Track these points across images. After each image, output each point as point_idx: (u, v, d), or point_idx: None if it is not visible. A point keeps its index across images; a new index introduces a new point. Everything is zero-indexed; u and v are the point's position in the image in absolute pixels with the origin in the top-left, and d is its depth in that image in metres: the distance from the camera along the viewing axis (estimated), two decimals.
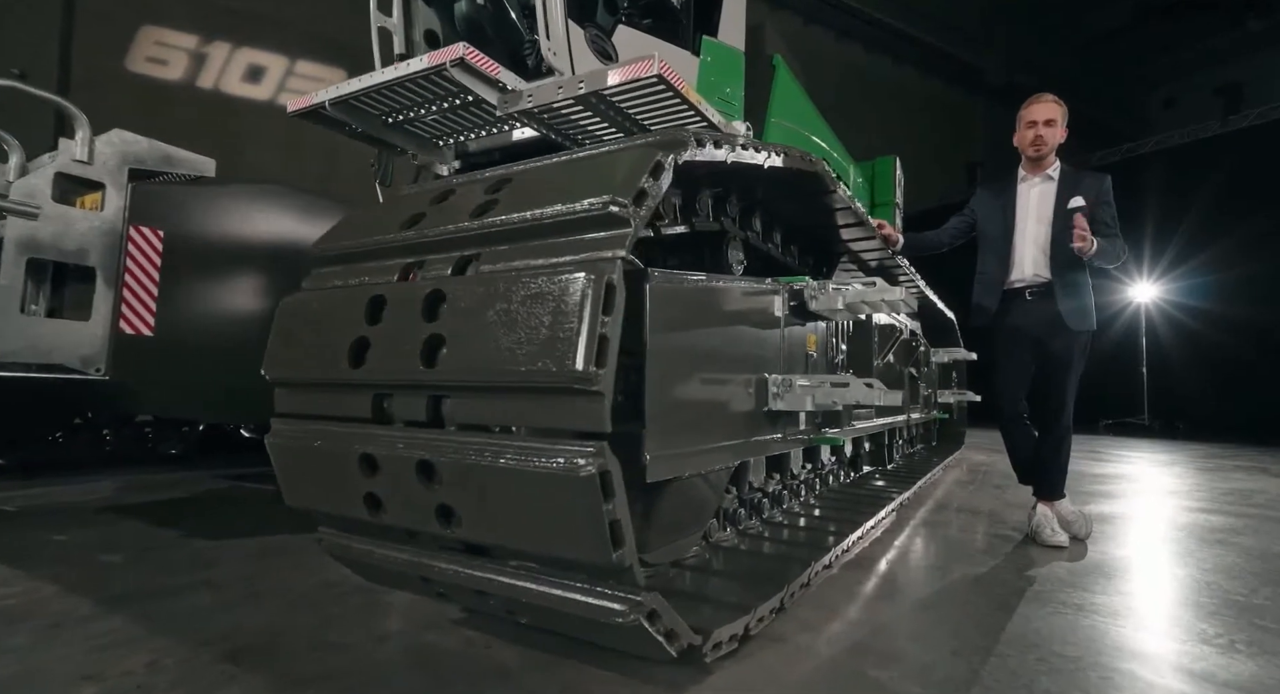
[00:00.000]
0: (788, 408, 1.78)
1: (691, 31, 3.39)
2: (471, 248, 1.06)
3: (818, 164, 1.79)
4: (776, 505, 2.35)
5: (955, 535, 2.64)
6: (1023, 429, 2.73)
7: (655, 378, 1.24)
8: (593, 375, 0.83)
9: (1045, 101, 2.51)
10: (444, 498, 0.96)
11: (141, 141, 2.69)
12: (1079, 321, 2.51)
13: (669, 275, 1.29)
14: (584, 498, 0.84)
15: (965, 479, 4.43)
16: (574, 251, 0.93)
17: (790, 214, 2.30)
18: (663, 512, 1.42)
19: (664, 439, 1.26)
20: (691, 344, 1.38)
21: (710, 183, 1.80)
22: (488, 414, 0.94)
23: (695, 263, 2.03)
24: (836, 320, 2.41)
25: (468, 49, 1.94)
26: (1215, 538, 2.72)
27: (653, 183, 0.97)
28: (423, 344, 0.97)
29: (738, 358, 1.62)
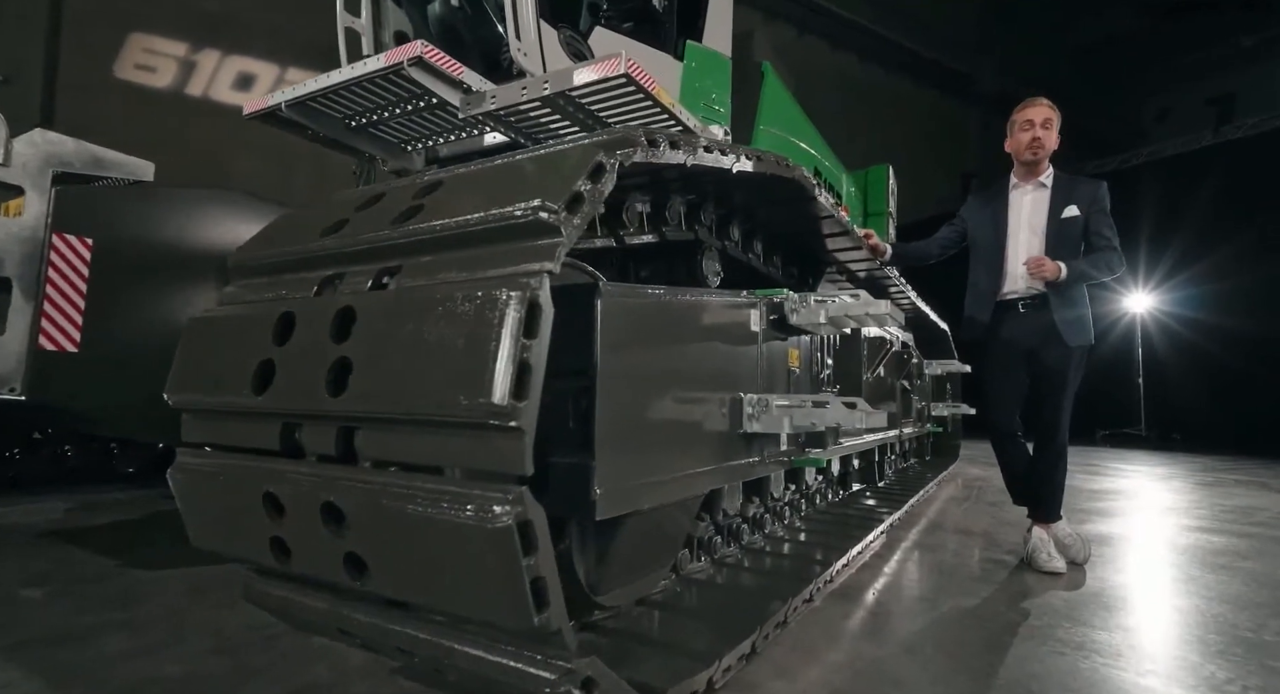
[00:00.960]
0: (764, 430, 1.66)
1: (674, 35, 3.30)
2: (394, 259, 0.94)
3: (795, 170, 1.68)
4: (757, 530, 2.22)
5: (947, 560, 2.52)
6: (1017, 447, 2.62)
7: (607, 402, 1.12)
8: (510, 409, 0.71)
9: (1040, 105, 2.41)
10: (352, 545, 0.84)
11: (67, 142, 2.53)
12: (1075, 335, 2.40)
13: (624, 288, 1.18)
14: (498, 553, 0.71)
15: (960, 496, 4.30)
16: (498, 264, 0.82)
17: (770, 223, 2.19)
18: (622, 547, 1.30)
19: (617, 470, 1.13)
20: (652, 363, 1.26)
21: (682, 190, 1.69)
22: (398, 450, 0.82)
23: (668, 275, 1.92)
24: (821, 334, 2.30)
25: (426, 47, 1.84)
26: (1219, 562, 2.60)
27: (591, 186, 0.86)
28: (330, 368, 0.85)
29: (708, 377, 1.50)
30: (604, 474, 1.10)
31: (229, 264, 1.12)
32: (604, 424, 1.11)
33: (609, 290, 1.13)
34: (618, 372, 1.15)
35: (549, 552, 0.75)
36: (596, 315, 1.11)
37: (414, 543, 0.78)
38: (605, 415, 1.11)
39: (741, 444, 1.67)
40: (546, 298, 0.76)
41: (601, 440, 1.10)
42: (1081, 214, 2.39)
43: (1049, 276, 2.32)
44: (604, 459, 1.10)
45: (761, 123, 4.23)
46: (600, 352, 1.11)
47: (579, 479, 1.09)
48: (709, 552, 1.88)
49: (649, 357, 1.25)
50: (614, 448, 1.13)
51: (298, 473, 0.88)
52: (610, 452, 1.12)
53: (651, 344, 1.26)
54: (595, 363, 1.10)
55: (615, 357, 1.14)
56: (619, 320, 1.15)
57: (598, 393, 1.10)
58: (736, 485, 1.79)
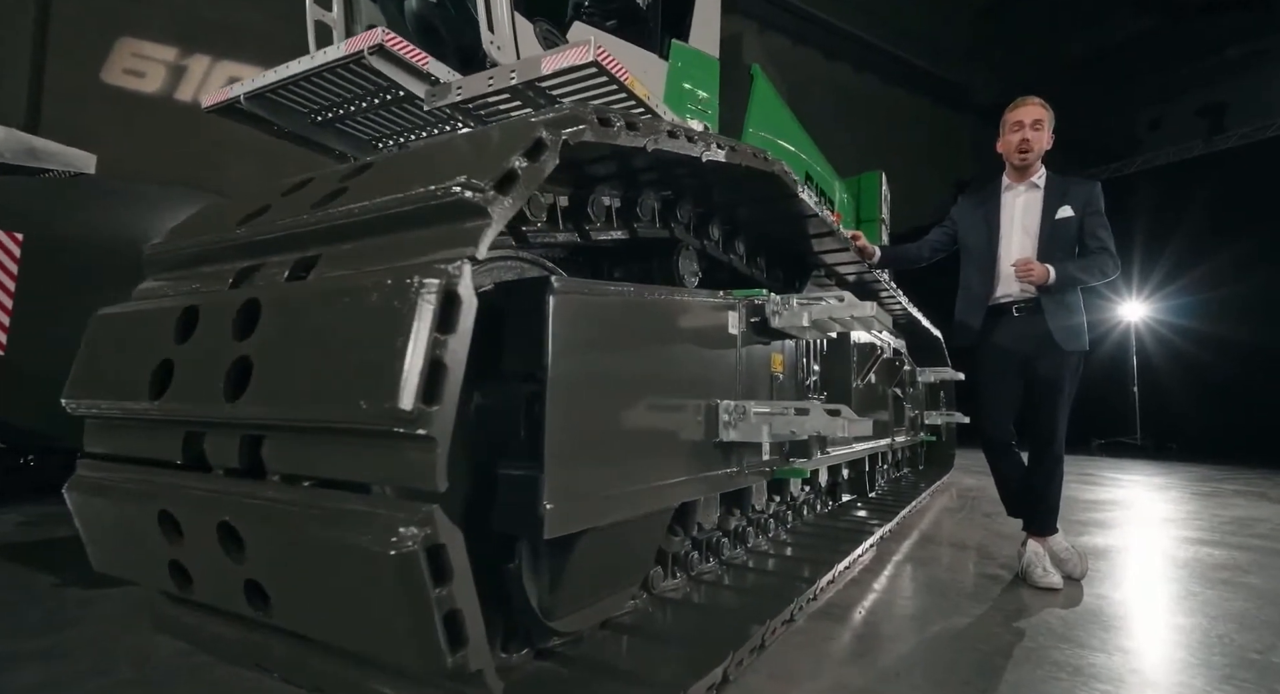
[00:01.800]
0: (742, 438, 1.56)
1: (659, 34, 3.24)
2: (313, 247, 0.84)
3: (774, 164, 1.60)
4: (739, 544, 2.12)
5: (939, 575, 2.41)
6: (1011, 457, 2.52)
7: (559, 408, 1.02)
8: (417, 414, 0.61)
9: (1032, 104, 2.34)
10: (252, 572, 0.74)
11: None
12: (1070, 341, 2.31)
13: (581, 284, 1.08)
14: (403, 583, 0.61)
15: (954, 506, 4.20)
16: (418, 251, 0.72)
17: (753, 223, 2.10)
18: (584, 565, 1.19)
19: (571, 483, 1.03)
20: (614, 366, 1.16)
21: (655, 184, 1.60)
22: (303, 463, 0.72)
23: (644, 275, 1.83)
24: (805, 339, 2.21)
25: (387, 34, 1.75)
26: (1220, 577, 2.51)
27: (528, 164, 0.76)
28: (229, 369, 0.75)
29: (680, 382, 1.41)
30: (555, 487, 1.00)
31: (143, 256, 1.02)
32: (555, 432, 1.01)
33: (563, 286, 1.04)
34: (572, 375, 1.05)
35: (467, 580, 0.65)
36: (548, 313, 1.01)
37: (314, 570, 0.68)
38: (557, 423, 1.01)
39: (718, 454, 1.57)
40: (468, 288, 0.67)
41: (552, 450, 1.00)
42: (1076, 215, 2.32)
43: (1037, 280, 2.24)
44: (555, 471, 1.00)
45: (750, 125, 4.16)
46: (552, 353, 1.01)
47: (526, 493, 0.99)
48: (685, 568, 1.77)
49: (610, 359, 1.15)
50: (567, 458, 1.03)
51: (194, 489, 0.78)
52: (562, 463, 1.02)
53: (613, 345, 1.16)
54: (546, 365, 1.01)
55: (569, 358, 1.04)
56: (574, 319, 1.06)
57: (548, 398, 1.00)
58: (714, 497, 1.69)
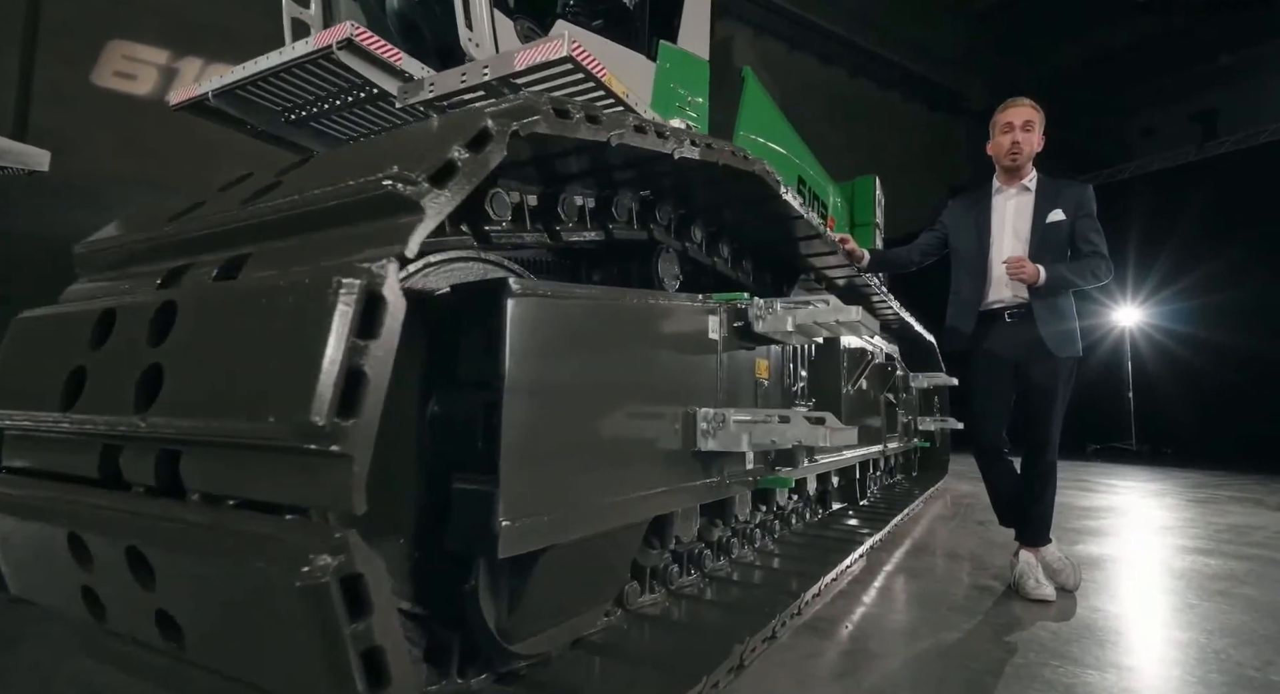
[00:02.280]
0: (721, 448, 1.50)
1: (647, 35, 3.19)
2: (244, 245, 0.78)
3: (755, 163, 1.54)
4: (723, 555, 2.05)
5: (930, 587, 2.35)
6: (1003, 465, 2.46)
7: (517, 419, 0.96)
8: (330, 429, 0.55)
9: (1022, 105, 2.29)
10: (163, 602, 0.67)
11: None
12: (1062, 346, 2.26)
13: (543, 287, 1.02)
14: (314, 618, 0.55)
15: (947, 514, 4.14)
16: (348, 250, 0.66)
17: (737, 225, 2.05)
18: (549, 583, 1.13)
19: (529, 498, 0.97)
20: (579, 374, 1.10)
21: (631, 184, 1.54)
22: (216, 481, 0.66)
23: (622, 279, 1.77)
24: (792, 344, 2.15)
25: (357, 28, 1.69)
26: (1216, 587, 2.45)
27: (469, 155, 0.71)
28: (140, 378, 0.68)
29: (654, 390, 1.35)
30: (511, 503, 0.94)
31: (74, 255, 0.96)
32: (512, 444, 0.95)
33: (522, 288, 0.98)
34: (531, 383, 0.99)
35: (390, 613, 0.59)
36: (505, 317, 0.95)
37: (224, 602, 0.62)
38: (513, 434, 0.95)
39: (696, 464, 1.51)
40: (394, 289, 0.61)
41: (508, 463, 0.94)
42: (1067, 218, 2.27)
43: (1027, 279, 2.19)
44: (511, 485, 0.94)
45: (741, 128, 4.12)
46: (509, 359, 0.95)
47: (480, 509, 0.93)
48: (664, 582, 1.70)
49: (575, 366, 1.09)
50: (525, 472, 0.97)
51: (103, 510, 0.71)
52: (519, 476, 0.95)
53: (578, 351, 1.10)
54: (502, 372, 0.95)
55: (528, 365, 0.98)
56: (534, 323, 1.00)
57: (504, 407, 0.94)
58: (694, 509, 1.63)
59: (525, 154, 1.11)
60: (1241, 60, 12.18)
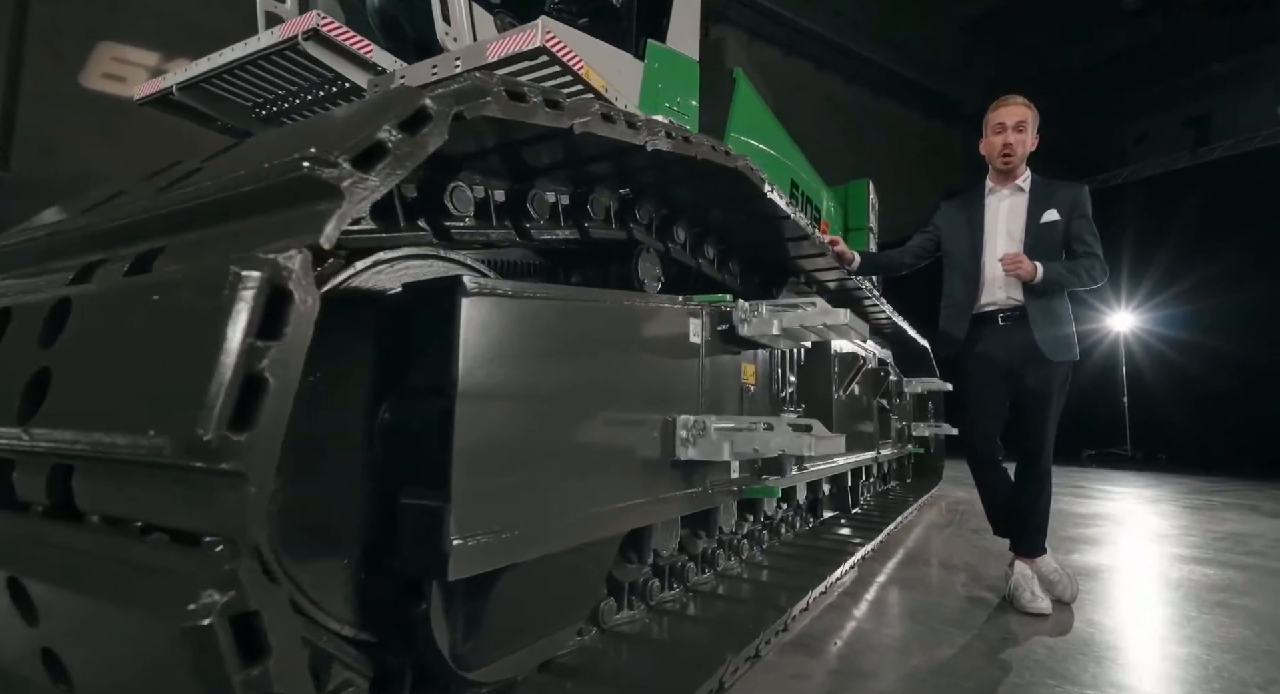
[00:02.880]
0: (702, 457, 1.43)
1: (635, 34, 3.14)
2: (160, 237, 0.71)
3: (736, 160, 1.48)
4: (708, 567, 1.98)
5: (923, 599, 2.28)
6: (997, 473, 2.40)
7: (470, 428, 0.88)
8: (221, 445, 0.48)
9: (1015, 104, 2.24)
10: (47, 639, 0.59)
11: None
12: (1058, 351, 2.20)
13: (502, 285, 0.95)
14: (198, 664, 0.47)
15: (941, 521, 4.07)
16: (260, 240, 0.59)
17: (721, 225, 1.99)
18: (512, 603, 1.05)
19: (484, 515, 0.90)
20: (543, 379, 1.03)
21: (608, 180, 1.48)
22: (107, 501, 0.58)
23: (602, 280, 1.70)
24: (780, 348, 2.08)
25: (324, 19, 1.63)
26: (1215, 598, 2.39)
27: (403, 137, 0.64)
28: (27, 384, 0.61)
29: (628, 396, 1.27)
30: (463, 520, 0.86)
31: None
32: (464, 456, 0.87)
33: (478, 287, 0.91)
34: (488, 389, 0.92)
35: (294, 656, 0.51)
36: (458, 318, 0.88)
37: (108, 642, 0.54)
38: (467, 444, 0.88)
39: (676, 474, 1.44)
40: (304, 284, 0.53)
41: (460, 477, 0.87)
42: (1062, 219, 2.22)
43: (1024, 275, 2.12)
44: (464, 501, 0.87)
45: (733, 130, 4.07)
46: (462, 364, 0.88)
47: (430, 527, 0.86)
48: (644, 597, 1.63)
49: (538, 371, 1.02)
50: (479, 486, 0.89)
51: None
52: (473, 491, 0.88)
53: (542, 355, 1.03)
54: (454, 378, 0.87)
55: (485, 370, 0.91)
56: (491, 325, 0.93)
57: (456, 416, 0.87)
58: (674, 521, 1.55)
59: (487, 143, 1.05)
60: (1234, 67, 12.25)
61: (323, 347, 0.90)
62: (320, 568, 0.89)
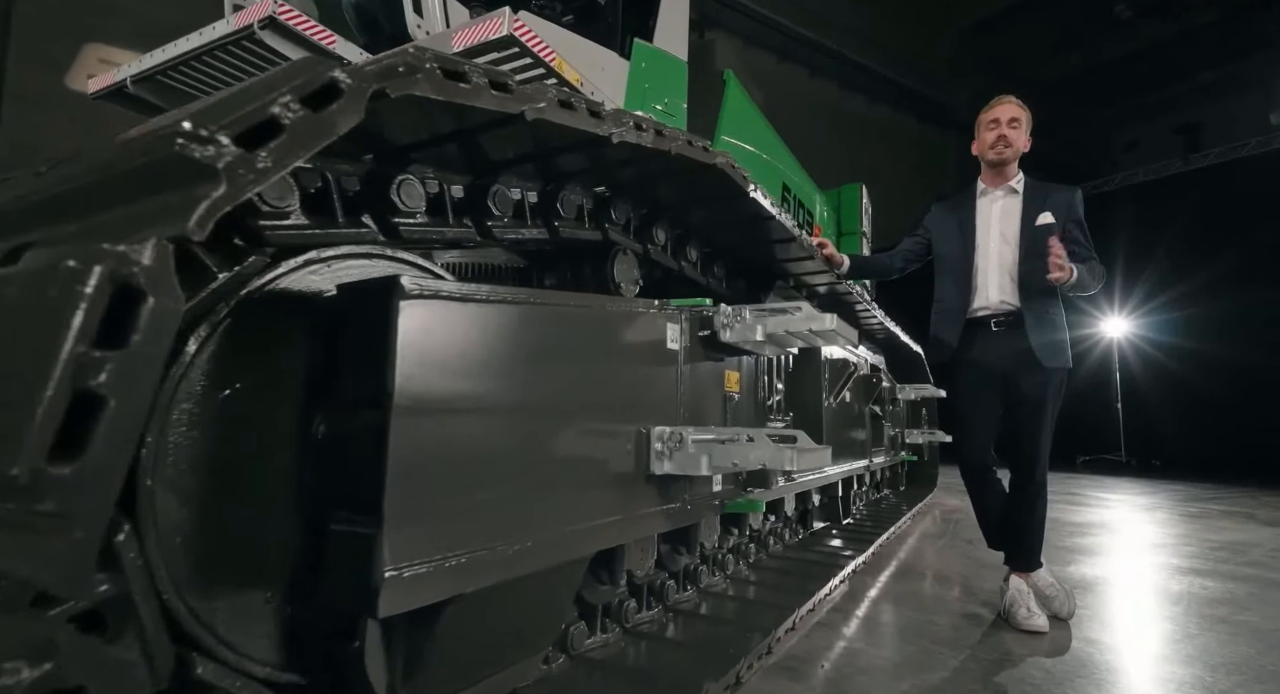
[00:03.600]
0: (679, 470, 1.34)
1: (620, 32, 3.07)
2: (36, 229, 0.62)
3: (715, 156, 1.40)
4: (690, 584, 1.88)
5: (915, 616, 2.19)
6: (991, 483, 2.32)
7: (408, 445, 0.79)
8: (34, 481, 0.38)
9: (1008, 102, 2.18)
10: None
11: None
12: (1053, 357, 2.13)
13: (447, 287, 0.86)
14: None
15: (935, 531, 3.99)
16: (125, 231, 0.50)
17: (704, 226, 1.90)
18: (462, 638, 0.96)
19: (424, 541, 0.80)
20: (495, 390, 0.94)
21: (581, 177, 1.39)
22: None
23: (576, 282, 1.62)
24: (764, 355, 2.00)
25: (280, 6, 1.54)
26: (1216, 613, 2.31)
27: (304, 114, 0.55)
28: None
29: (597, 406, 1.19)
30: (398, 548, 0.77)
31: None
32: (401, 475, 0.78)
33: (419, 288, 0.82)
34: (430, 401, 0.83)
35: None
36: (394, 323, 0.79)
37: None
38: (403, 463, 0.79)
39: (650, 489, 1.35)
40: (160, 282, 0.44)
41: (396, 499, 0.77)
42: (1057, 222, 2.15)
43: (1066, 275, 1.99)
44: (399, 526, 0.77)
45: (722, 133, 4.01)
46: (399, 373, 0.79)
47: (359, 556, 0.76)
48: (619, 619, 1.53)
49: (490, 381, 0.93)
50: (418, 509, 0.80)
51: None
52: (410, 515, 0.79)
53: (495, 364, 0.94)
54: (390, 389, 0.78)
55: (426, 380, 0.82)
56: (434, 330, 0.84)
57: (391, 431, 0.78)
58: (650, 539, 1.46)
59: (438, 130, 0.96)
60: (1223, 75, 12.32)
61: (245, 355, 0.81)
62: (237, 605, 0.79)
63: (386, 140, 0.95)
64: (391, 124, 0.88)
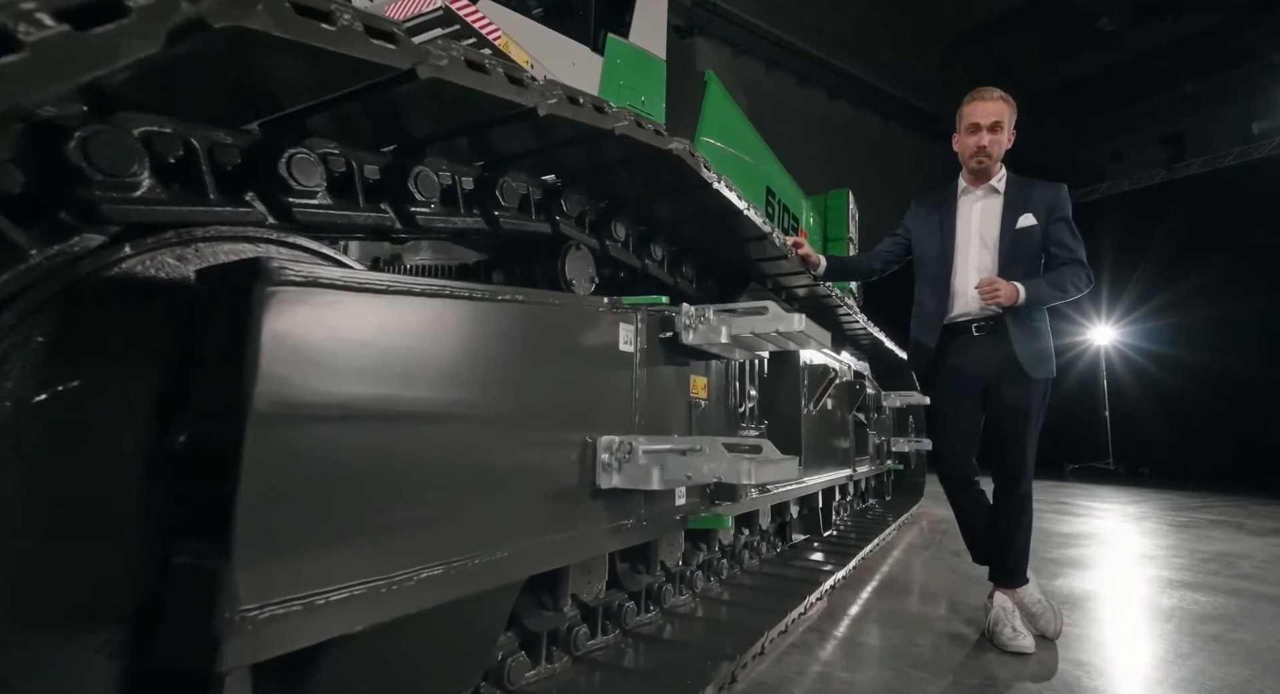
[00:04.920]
0: (629, 484, 1.22)
1: (593, 27, 2.98)
2: None
3: (671, 142, 1.29)
4: (653, 605, 1.75)
5: (896, 637, 2.06)
6: (973, 495, 2.21)
7: (268, 461, 0.67)
8: None
9: (991, 99, 2.08)
10: None
11: None
12: (1037, 367, 2.03)
13: (327, 274, 0.74)
14: None
15: (920, 543, 3.88)
16: None
17: (669, 221, 1.79)
18: (355, 683, 0.83)
19: (288, 576, 0.67)
20: (394, 396, 0.81)
21: (523, 164, 1.28)
22: None
23: (526, 279, 1.50)
24: (734, 359, 1.88)
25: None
26: (1209, 631, 2.21)
27: (58, 29, 0.42)
28: None
29: (530, 415, 1.06)
30: (253, 585, 0.64)
31: None
32: (256, 497, 0.65)
33: (286, 275, 0.69)
34: (300, 407, 0.70)
35: None
36: (255, 315, 0.66)
37: None
38: (261, 482, 0.66)
39: (598, 505, 1.22)
40: None
41: (250, 525, 0.64)
42: (1039, 223, 2.05)
43: (1004, 302, 1.95)
44: (253, 559, 0.64)
45: (703, 134, 3.91)
46: (260, 375, 0.66)
47: (201, 596, 0.63)
48: (568, 647, 1.40)
49: (386, 386, 0.80)
50: (280, 538, 0.67)
51: None
52: (269, 545, 0.66)
53: (392, 365, 0.81)
54: (246, 394, 0.65)
55: (295, 383, 0.70)
56: (308, 324, 0.71)
57: (246, 443, 0.65)
58: (600, 558, 1.33)
59: (334, 88, 0.84)
60: (1205, 88, 12.47)
61: (73, 352, 0.68)
62: (63, 659, 0.66)
63: (274, 101, 0.82)
64: (278, 81, 0.76)
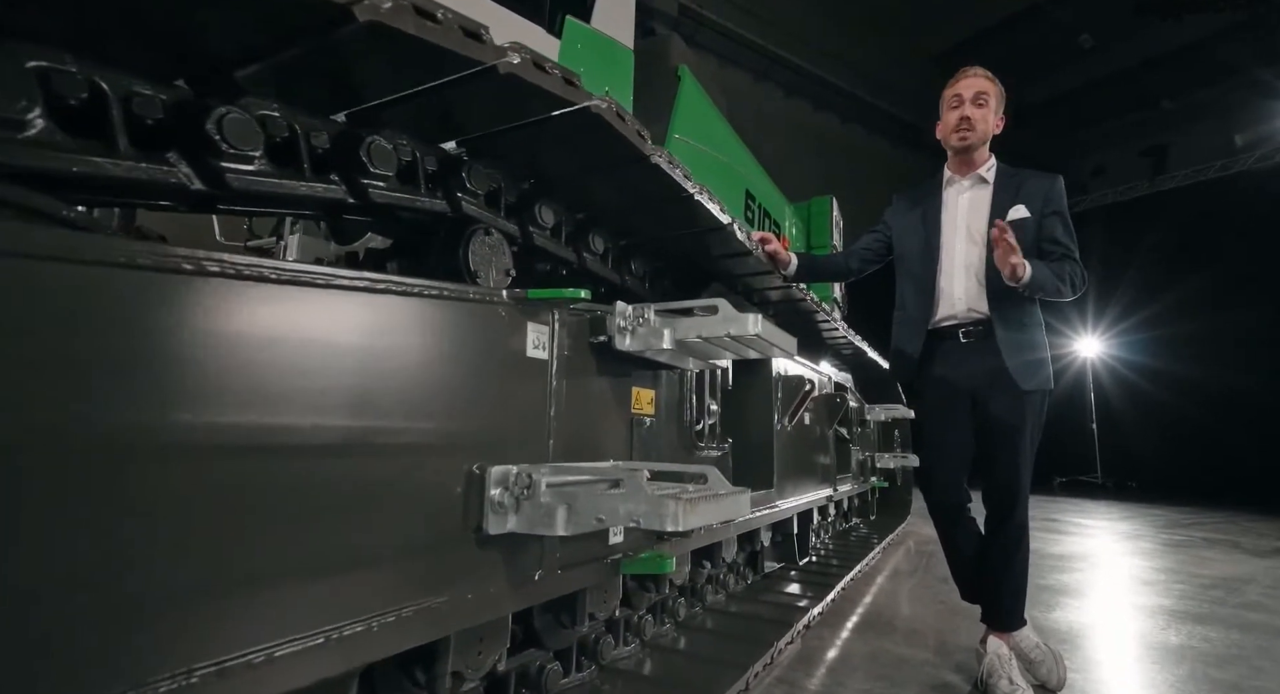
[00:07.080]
0: (526, 529, 0.95)
1: (549, 6, 2.75)
2: None
3: (590, 98, 1.04)
4: (587, 660, 1.47)
5: (874, 690, 1.80)
6: (964, 525, 1.96)
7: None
8: None
9: (974, 75, 1.87)
10: None
11: None
12: (1030, 378, 1.79)
13: (50, 237, 0.47)
14: None
15: (906, 568, 3.62)
16: None
17: (613, 207, 1.54)
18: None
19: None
20: (141, 411, 0.55)
21: (405, 123, 1.02)
22: None
23: (424, 270, 1.24)
24: (685, 368, 1.63)
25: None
26: (1227, 678, 1.96)
27: None
28: None
29: (391, 439, 0.80)
30: None
31: None
32: None
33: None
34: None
35: None
36: None
37: None
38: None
39: (488, 555, 0.95)
40: None
41: None
42: (1032, 216, 1.83)
43: (1015, 267, 1.64)
44: None
45: (676, 131, 3.68)
46: None
47: None
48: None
49: (140, 396, 0.54)
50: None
51: None
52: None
53: (146, 366, 0.55)
54: None
55: None
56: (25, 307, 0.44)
57: None
58: (500, 621, 1.06)
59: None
60: (1184, 104, 12.57)
61: None
62: None
63: None
64: None
